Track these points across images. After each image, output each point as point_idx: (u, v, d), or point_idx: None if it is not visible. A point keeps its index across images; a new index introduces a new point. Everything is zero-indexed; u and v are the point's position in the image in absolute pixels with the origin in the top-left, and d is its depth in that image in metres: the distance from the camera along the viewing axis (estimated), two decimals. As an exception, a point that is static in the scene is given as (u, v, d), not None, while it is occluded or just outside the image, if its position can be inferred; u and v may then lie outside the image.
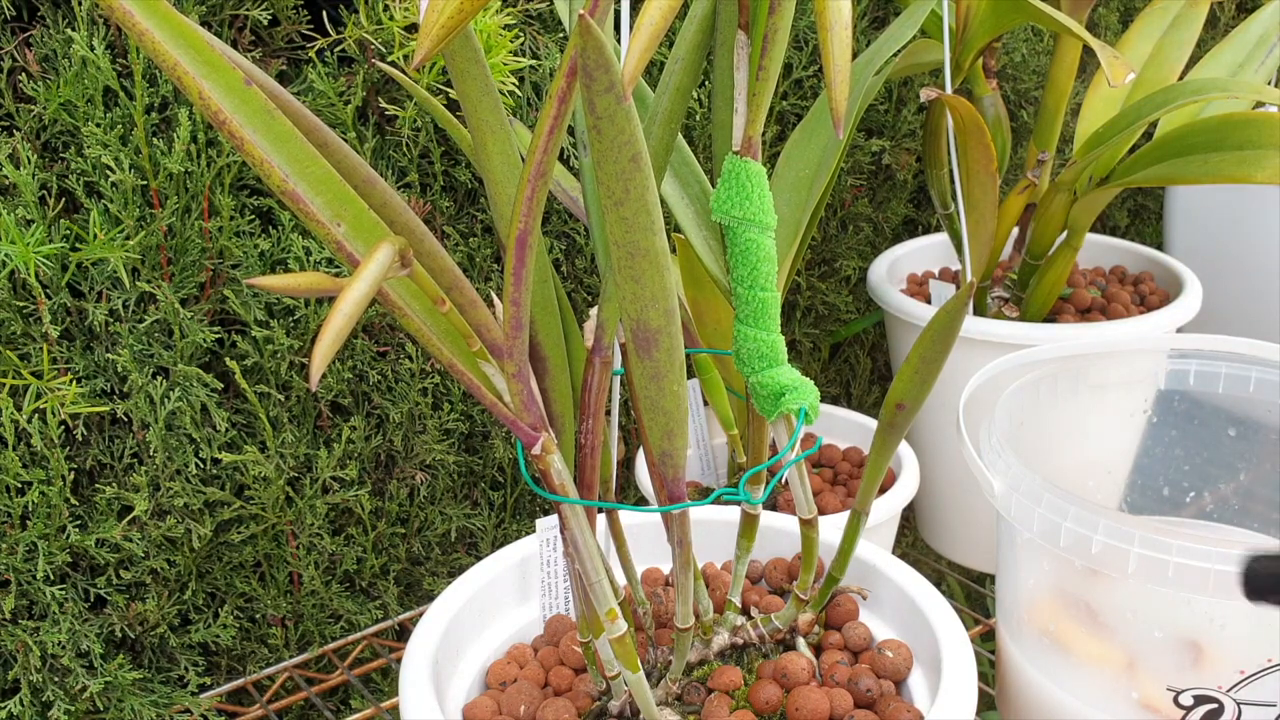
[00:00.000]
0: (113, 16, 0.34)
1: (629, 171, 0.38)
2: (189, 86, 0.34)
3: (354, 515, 0.82)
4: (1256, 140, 0.73)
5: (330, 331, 0.29)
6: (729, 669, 0.56)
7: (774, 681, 0.55)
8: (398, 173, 0.78)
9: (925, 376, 0.52)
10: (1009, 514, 0.57)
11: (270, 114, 0.36)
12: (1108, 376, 0.71)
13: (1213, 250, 1.13)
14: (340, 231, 0.37)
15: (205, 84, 0.35)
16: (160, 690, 0.74)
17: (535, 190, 0.39)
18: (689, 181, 0.54)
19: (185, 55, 0.34)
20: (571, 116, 0.41)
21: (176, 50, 0.34)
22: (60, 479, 0.67)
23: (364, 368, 0.79)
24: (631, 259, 0.40)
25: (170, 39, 0.34)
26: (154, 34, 0.34)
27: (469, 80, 0.42)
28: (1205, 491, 0.72)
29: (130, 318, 0.69)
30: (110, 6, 0.33)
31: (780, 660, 0.56)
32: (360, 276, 0.31)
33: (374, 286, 0.31)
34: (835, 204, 1.07)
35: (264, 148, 0.35)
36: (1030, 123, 1.21)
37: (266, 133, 0.36)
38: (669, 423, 0.45)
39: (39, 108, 0.65)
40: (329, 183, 0.37)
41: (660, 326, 0.42)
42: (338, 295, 0.30)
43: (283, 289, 0.30)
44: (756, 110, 0.43)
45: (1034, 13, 0.77)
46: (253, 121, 0.35)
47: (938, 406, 0.89)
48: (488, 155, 0.43)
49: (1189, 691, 0.53)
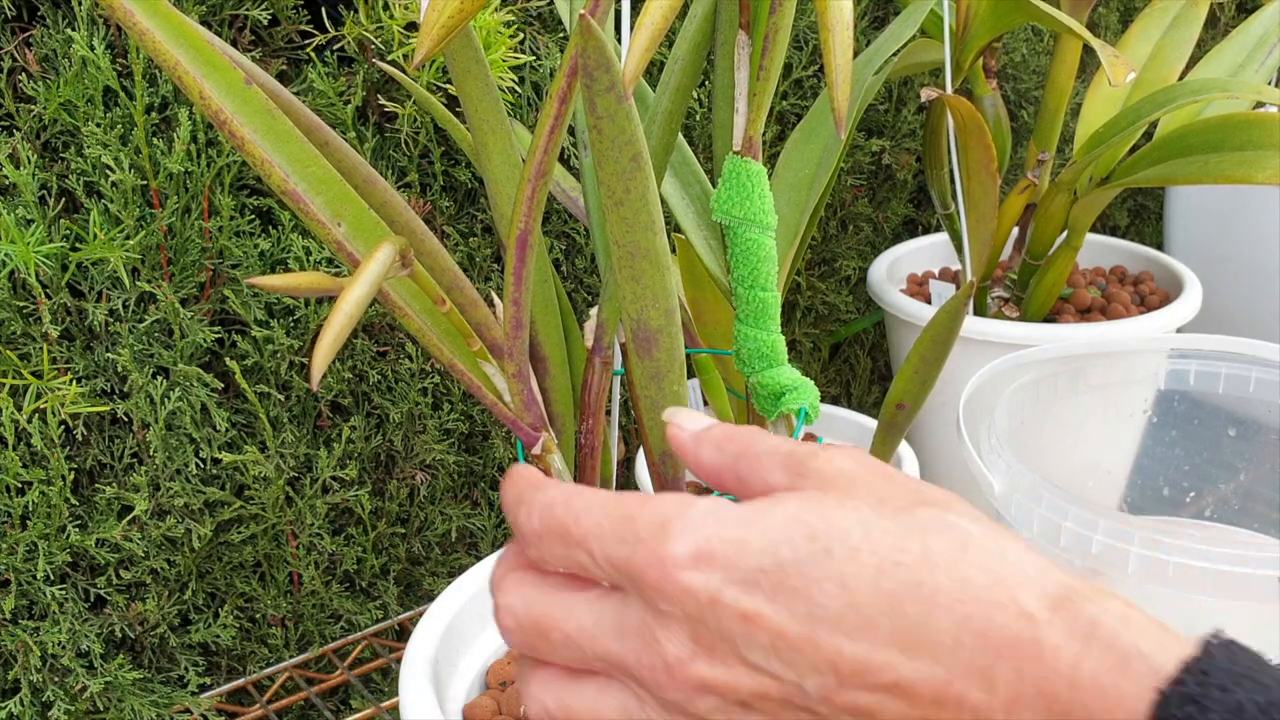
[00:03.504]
0: (113, 16, 0.33)
1: (629, 171, 0.38)
2: (189, 86, 0.34)
3: (354, 515, 0.82)
4: (1256, 140, 0.73)
5: (331, 331, 0.29)
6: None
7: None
8: (397, 172, 0.78)
9: (925, 376, 0.52)
10: (1009, 514, 0.57)
11: (271, 113, 0.36)
12: (1108, 376, 0.71)
13: (1213, 250, 1.13)
14: (340, 232, 0.37)
15: (206, 84, 0.35)
16: (160, 690, 0.74)
17: (536, 189, 0.39)
18: (689, 182, 0.54)
19: (186, 55, 0.34)
20: (572, 116, 0.41)
21: (177, 50, 0.34)
22: (60, 479, 0.67)
23: (364, 368, 0.79)
24: (632, 259, 0.40)
25: (170, 38, 0.34)
26: (154, 33, 0.34)
27: (470, 79, 0.42)
28: (1205, 491, 0.72)
29: (130, 318, 0.69)
30: (111, 6, 0.33)
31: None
32: (361, 277, 0.31)
33: (374, 287, 0.31)
34: (835, 204, 1.07)
35: (264, 147, 0.35)
36: (1030, 123, 1.21)
37: (267, 132, 0.35)
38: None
39: (39, 108, 0.65)
40: (329, 182, 0.37)
41: (660, 326, 0.42)
42: (338, 295, 0.30)
43: (283, 288, 0.30)
44: (757, 110, 0.43)
45: (1034, 12, 0.77)
46: (253, 121, 0.35)
47: (938, 406, 0.89)
48: (488, 155, 0.43)
49: (1189, 691, 0.53)
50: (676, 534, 0.33)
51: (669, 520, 0.33)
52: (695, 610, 0.32)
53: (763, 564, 0.32)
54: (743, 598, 0.32)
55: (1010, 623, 0.30)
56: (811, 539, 0.32)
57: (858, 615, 0.31)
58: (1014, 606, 0.30)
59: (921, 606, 0.31)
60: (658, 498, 0.34)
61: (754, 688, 0.32)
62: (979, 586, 0.31)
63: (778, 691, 0.32)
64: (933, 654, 0.31)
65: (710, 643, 0.32)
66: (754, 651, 0.32)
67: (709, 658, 0.32)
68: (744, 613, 0.32)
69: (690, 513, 0.33)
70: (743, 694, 0.33)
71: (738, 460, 0.36)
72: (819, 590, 0.31)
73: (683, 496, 0.34)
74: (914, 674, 0.31)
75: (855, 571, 0.31)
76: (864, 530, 0.32)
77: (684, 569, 0.32)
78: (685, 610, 0.32)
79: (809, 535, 0.32)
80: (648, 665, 0.33)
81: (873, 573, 0.31)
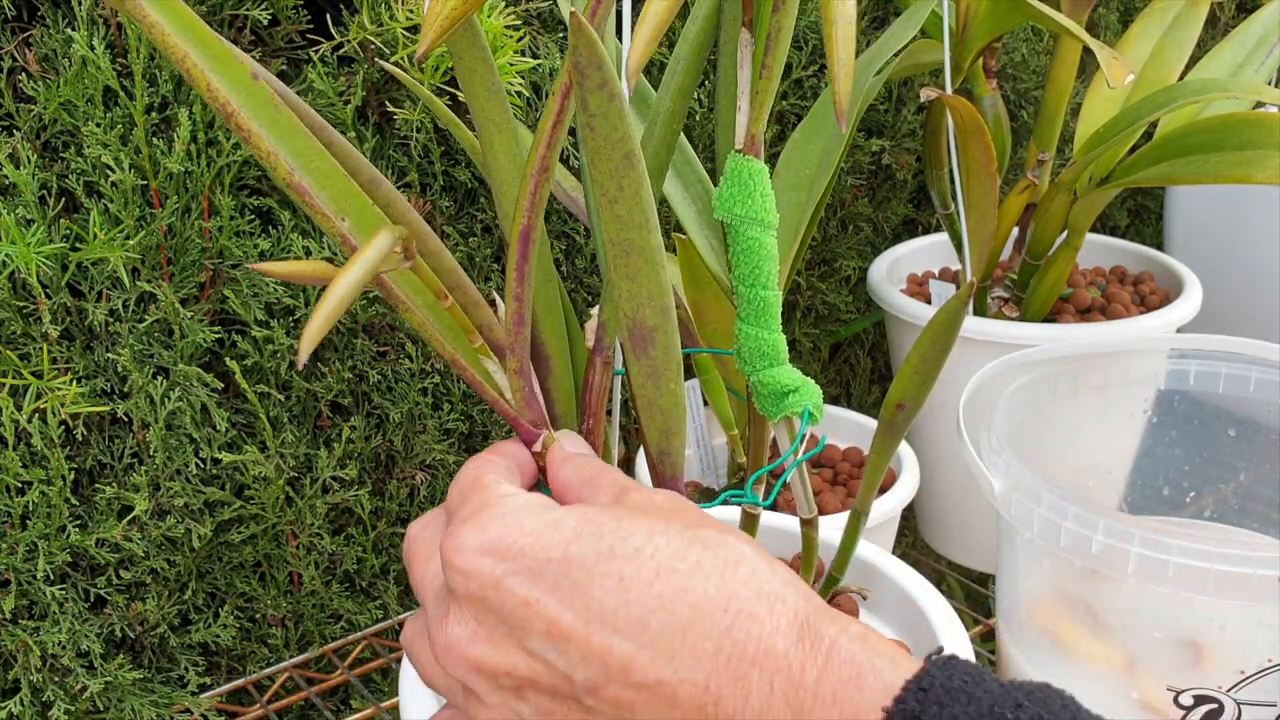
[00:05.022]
0: (123, 9, 0.34)
1: (622, 169, 0.38)
2: (197, 79, 0.34)
3: (354, 515, 0.82)
4: (1256, 140, 0.73)
5: (322, 312, 0.29)
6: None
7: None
8: (397, 172, 0.78)
9: (925, 376, 0.52)
10: (1009, 514, 0.57)
11: (277, 108, 0.36)
12: (1108, 376, 0.71)
13: (1213, 250, 1.13)
14: (344, 226, 0.37)
15: (214, 77, 0.35)
16: (160, 690, 0.74)
17: (538, 185, 0.39)
18: (691, 181, 0.54)
19: (194, 48, 0.34)
20: (574, 114, 0.41)
21: (186, 43, 0.34)
22: (60, 479, 0.67)
23: (364, 368, 0.79)
24: (626, 256, 0.40)
25: (179, 31, 0.34)
26: (163, 26, 0.34)
27: (476, 79, 0.42)
28: (1205, 491, 0.72)
29: (130, 317, 0.69)
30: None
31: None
32: (357, 261, 0.31)
33: (370, 272, 0.31)
34: (835, 204, 1.07)
35: (270, 141, 0.35)
36: (1030, 123, 1.21)
37: (273, 127, 0.36)
38: (666, 421, 0.45)
39: (39, 108, 0.65)
40: (334, 177, 0.37)
41: (656, 324, 0.42)
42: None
43: (286, 275, 0.31)
44: (760, 108, 0.43)
45: (1034, 13, 0.77)
46: (259, 115, 0.36)
47: (938, 406, 0.89)
48: (494, 154, 0.43)
49: (1189, 691, 0.54)
50: (484, 521, 0.35)
51: (485, 506, 0.36)
52: (479, 592, 0.35)
53: (551, 555, 0.34)
54: (525, 585, 0.34)
55: (766, 636, 0.33)
56: (599, 537, 0.34)
57: (630, 613, 0.33)
58: (770, 621, 0.33)
59: (690, 612, 0.33)
60: (498, 485, 0.37)
61: (527, 673, 0.35)
62: (742, 599, 0.33)
63: (548, 679, 0.34)
64: (695, 657, 0.33)
65: (490, 624, 0.35)
66: (530, 638, 0.34)
67: (489, 639, 0.35)
68: (525, 599, 0.34)
69: (507, 504, 0.36)
70: (516, 678, 0.35)
71: (583, 485, 0.40)
72: (599, 585, 0.34)
73: (514, 490, 0.37)
74: (675, 675, 0.33)
75: (634, 572, 0.34)
76: (648, 536, 0.34)
77: (474, 553, 0.35)
78: (470, 591, 0.35)
79: (597, 534, 0.34)
80: (435, 639, 0.36)
81: (650, 575, 0.34)
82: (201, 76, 0.34)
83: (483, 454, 0.42)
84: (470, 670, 0.35)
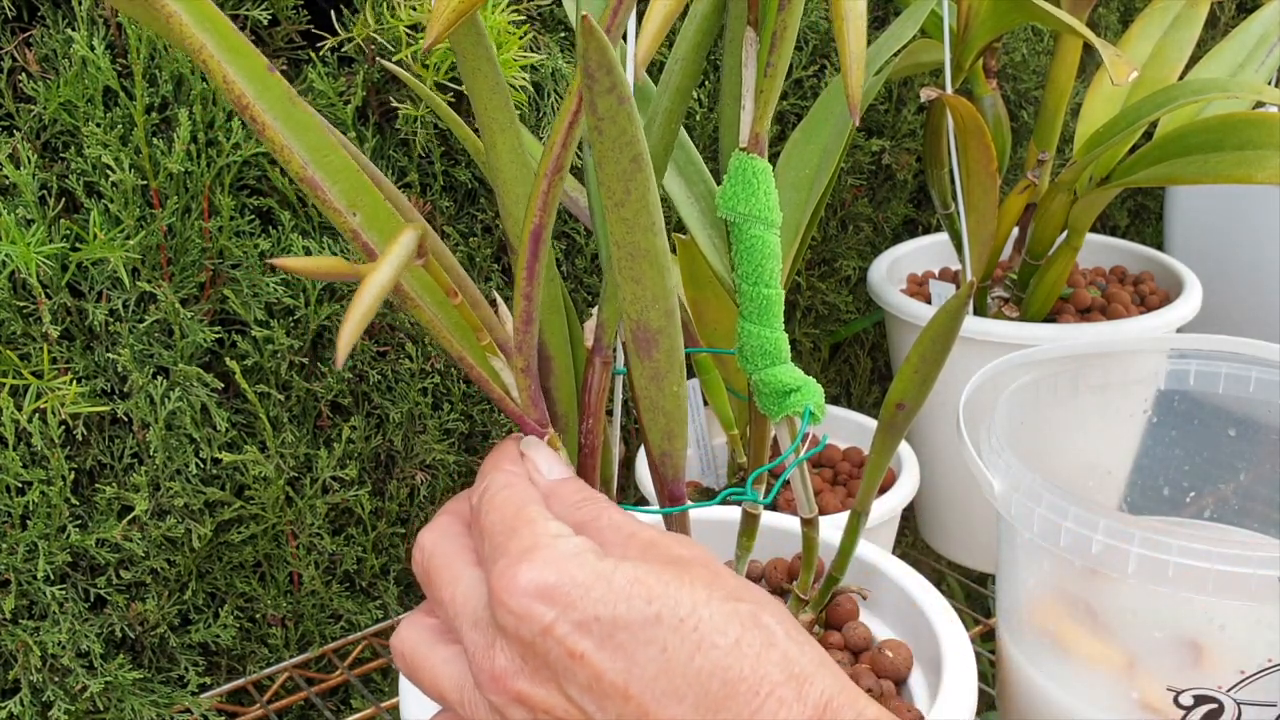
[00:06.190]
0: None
1: (630, 172, 0.38)
2: (214, 70, 0.34)
3: (354, 515, 0.82)
4: (1256, 140, 0.73)
5: (355, 315, 0.29)
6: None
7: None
8: (397, 172, 0.78)
9: (925, 376, 0.52)
10: (1009, 514, 0.57)
11: (292, 101, 0.36)
12: (1108, 376, 0.71)
13: (1213, 250, 1.13)
14: (356, 221, 0.37)
15: (230, 69, 0.35)
16: (160, 690, 0.74)
17: (551, 185, 0.39)
18: (694, 180, 0.54)
19: (211, 39, 0.35)
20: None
21: (203, 34, 0.34)
22: (60, 479, 0.67)
23: (364, 368, 0.79)
24: (632, 260, 0.40)
25: (197, 22, 0.34)
26: (181, 16, 0.34)
27: (479, 77, 0.42)
28: (1205, 491, 0.72)
29: (130, 318, 0.69)
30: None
31: (782, 660, 0.56)
32: (387, 259, 0.31)
33: (399, 271, 0.31)
34: (835, 204, 1.07)
35: (285, 135, 0.36)
36: (1030, 123, 1.21)
37: (287, 120, 0.36)
38: (669, 423, 0.45)
39: (39, 108, 0.65)
40: (346, 172, 0.37)
41: (660, 327, 0.42)
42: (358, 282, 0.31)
43: (302, 270, 0.31)
44: (764, 107, 0.43)
45: (1035, 12, 0.77)
46: (274, 108, 0.36)
47: (938, 406, 0.89)
48: (497, 154, 0.43)
49: (1189, 691, 0.54)
50: (538, 563, 0.36)
51: (537, 548, 0.37)
52: (528, 635, 0.36)
53: (599, 613, 0.36)
54: (574, 636, 0.36)
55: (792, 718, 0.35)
56: (648, 602, 0.36)
57: (669, 683, 0.35)
58: (798, 706, 0.35)
59: (723, 689, 0.35)
60: (546, 522, 0.38)
61: (563, 716, 0.36)
62: (774, 682, 0.35)
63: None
64: None
65: (535, 665, 0.36)
66: (572, 686, 0.36)
67: (532, 677, 0.36)
68: (572, 650, 0.35)
69: (559, 547, 0.37)
70: (554, 716, 0.37)
71: (584, 528, 0.39)
72: (642, 653, 0.35)
73: (562, 528, 0.38)
74: None
75: (677, 643, 0.35)
76: (693, 606, 0.36)
77: (528, 596, 0.36)
78: (519, 632, 0.36)
79: (646, 598, 0.36)
80: (479, 665, 0.37)
81: (691, 648, 0.35)
82: (219, 68, 0.34)
83: (506, 470, 0.42)
84: (512, 700, 0.37)
